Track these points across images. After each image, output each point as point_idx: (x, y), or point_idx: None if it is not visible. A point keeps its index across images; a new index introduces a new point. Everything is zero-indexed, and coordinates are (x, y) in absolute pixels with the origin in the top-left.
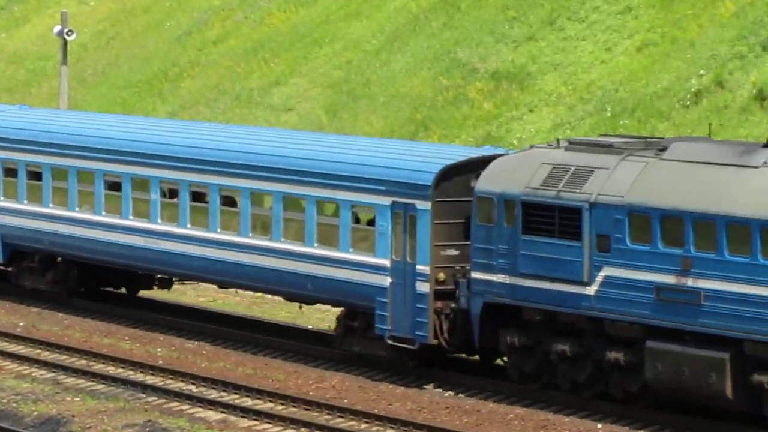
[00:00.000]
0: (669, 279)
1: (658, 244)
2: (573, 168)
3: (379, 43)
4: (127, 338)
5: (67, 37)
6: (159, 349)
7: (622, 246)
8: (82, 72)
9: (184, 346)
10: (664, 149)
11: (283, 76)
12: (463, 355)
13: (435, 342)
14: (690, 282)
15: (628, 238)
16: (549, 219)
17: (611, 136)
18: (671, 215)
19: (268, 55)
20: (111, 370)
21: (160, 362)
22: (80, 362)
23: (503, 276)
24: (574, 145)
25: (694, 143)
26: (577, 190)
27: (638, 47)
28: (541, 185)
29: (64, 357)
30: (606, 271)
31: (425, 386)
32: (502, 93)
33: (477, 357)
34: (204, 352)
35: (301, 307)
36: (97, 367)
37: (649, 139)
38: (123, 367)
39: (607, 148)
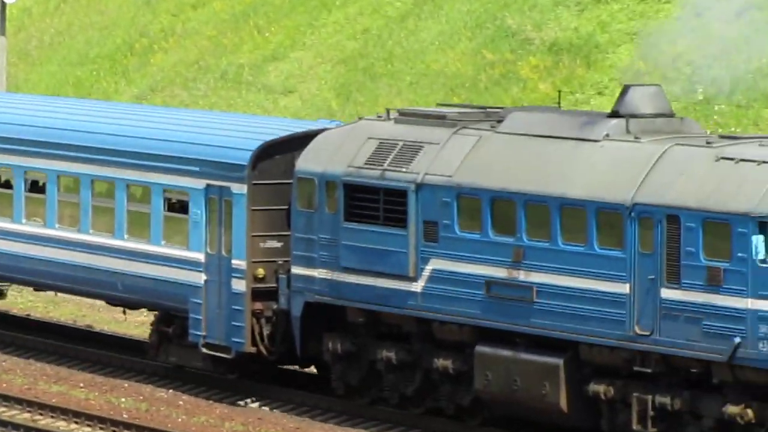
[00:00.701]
0: (500, 272)
1: (488, 232)
2: (401, 143)
3: (405, 7)
4: (82, 385)
5: (5, 0)
6: (123, 399)
7: (451, 234)
8: (26, 44)
9: (155, 396)
10: (501, 121)
11: (281, 50)
12: (297, 366)
13: (253, 350)
14: (522, 276)
15: (457, 225)
16: (373, 203)
17: (450, 105)
18: (502, 198)
19: (262, 22)
20: (62, 426)
21: (125, 416)
22: (22, 416)
23: (325, 271)
24: (405, 116)
25: (532, 113)
26: (404, 170)
27: (738, 11)
28: (366, 164)
29: (2, 409)
30: (433, 264)
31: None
32: (563, 70)
33: (314, 369)
34: (180, 402)
35: (124, 312)
36: (45, 422)
37: (489, 109)
38: (77, 422)
39: (439, 120)
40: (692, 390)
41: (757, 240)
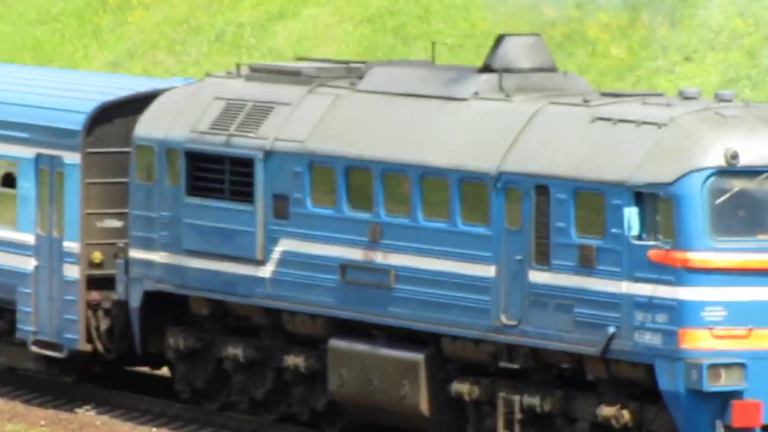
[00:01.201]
0: (355, 254)
1: (343, 207)
2: (250, 104)
3: None
4: (43, 423)
5: None
6: None
7: (302, 210)
8: None
9: None
10: (362, 77)
11: (290, 5)
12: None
13: (89, 347)
14: (379, 258)
15: (309, 199)
16: (218, 175)
17: (309, 59)
18: (358, 167)
19: None
20: None
21: None
22: None
23: (166, 254)
24: (257, 72)
25: (395, 68)
26: (251, 135)
27: None
28: (210, 128)
29: None
30: (283, 245)
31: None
32: (641, 30)
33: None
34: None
35: None
36: None
37: (352, 65)
38: None
39: (293, 77)
40: (565, 389)
41: (630, 213)
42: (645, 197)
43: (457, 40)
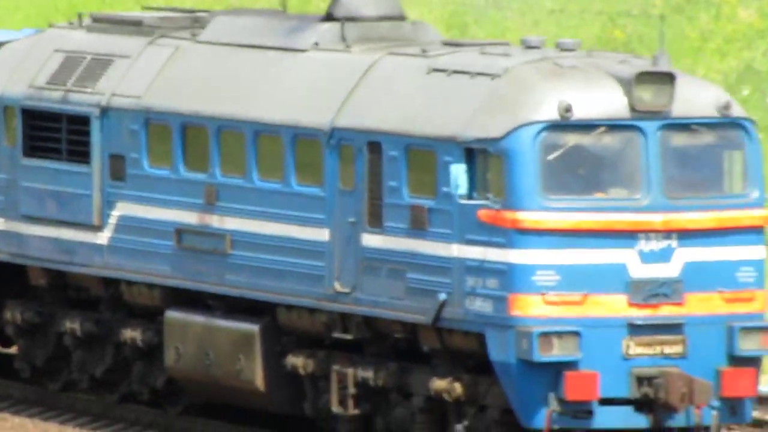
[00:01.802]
0: (191, 218)
1: (179, 168)
2: (89, 57)
3: None
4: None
5: None
6: None
7: (140, 171)
8: None
9: None
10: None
11: None
12: None
13: None
14: (215, 222)
15: (147, 159)
16: (56, 134)
17: (155, 9)
18: (194, 124)
19: None
20: None
21: None
22: None
23: (2, 221)
24: (99, 22)
25: (238, 17)
26: (89, 90)
27: None
28: (48, 84)
29: None
30: (121, 209)
31: None
32: None
33: None
34: None
35: None
36: None
37: (198, 13)
38: None
39: (134, 27)
40: (400, 362)
41: (458, 170)
42: (475, 153)
43: (559, 5)
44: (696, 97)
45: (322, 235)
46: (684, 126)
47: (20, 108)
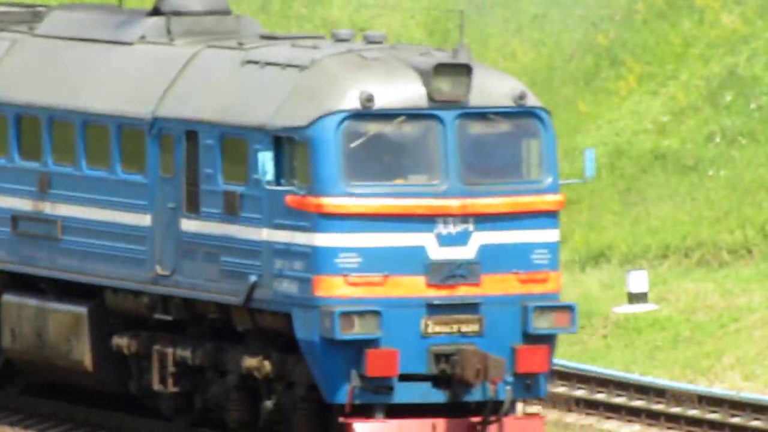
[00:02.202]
0: (26, 205)
1: (14, 157)
2: None
3: None
4: None
5: None
6: None
7: None
8: None
9: None
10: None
11: None
12: None
13: None
14: (48, 208)
15: None
16: None
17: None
18: (28, 115)
19: None
20: None
21: None
22: None
23: None
24: None
25: (73, 12)
26: None
27: None
28: None
29: None
30: None
31: None
32: None
33: None
34: None
35: None
36: None
37: (39, 8)
38: None
39: None
40: (217, 341)
41: (264, 158)
42: (283, 141)
43: (542, 10)
44: (493, 87)
45: (145, 220)
46: (481, 115)
47: None
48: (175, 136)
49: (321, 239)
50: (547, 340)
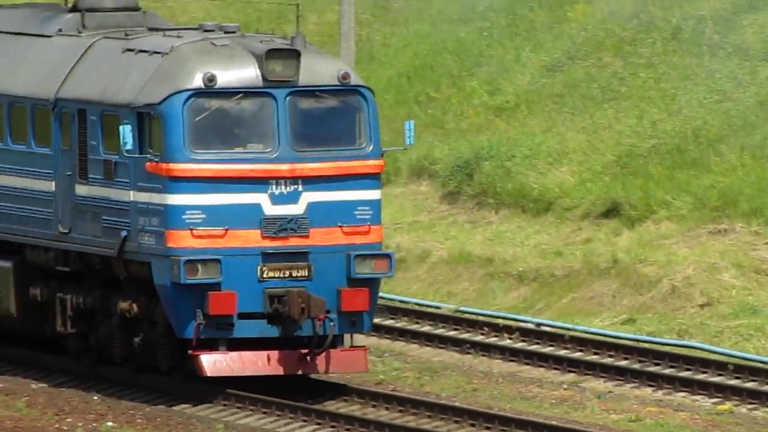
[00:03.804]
0: None
1: None
2: None
3: None
4: None
5: None
6: None
7: None
8: None
9: None
10: None
11: None
12: None
13: None
14: None
15: None
16: None
17: None
18: None
19: None
20: None
21: None
22: None
23: None
24: None
25: (13, 10)
26: None
27: None
28: None
29: None
30: None
31: None
32: None
33: None
34: None
35: None
36: None
37: None
38: None
39: None
40: (103, 289)
41: (125, 130)
42: (144, 116)
43: None
44: (320, 69)
45: (51, 186)
46: (309, 92)
47: None
48: (70, 114)
49: (171, 199)
50: (369, 283)
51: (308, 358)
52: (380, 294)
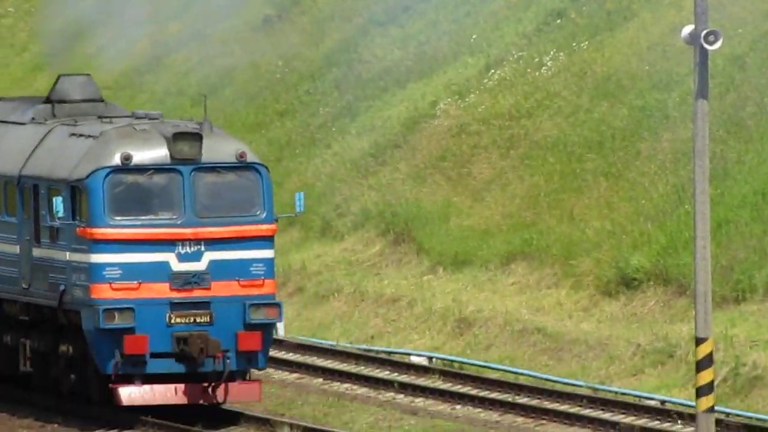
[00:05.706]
0: None
1: None
2: None
3: None
4: None
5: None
6: None
7: None
8: (736, 111)
9: None
10: None
11: None
12: None
13: None
14: None
15: None
16: None
17: None
18: None
19: None
20: None
21: None
22: None
23: None
24: None
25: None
26: None
27: None
28: None
29: None
30: None
31: None
32: None
33: None
34: None
35: None
36: None
37: None
38: None
39: None
40: (53, 334)
41: (57, 201)
42: (75, 189)
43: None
44: (220, 148)
45: (16, 249)
46: (211, 168)
47: None
48: (29, 188)
49: (94, 257)
50: (262, 327)
51: (210, 390)
52: None
